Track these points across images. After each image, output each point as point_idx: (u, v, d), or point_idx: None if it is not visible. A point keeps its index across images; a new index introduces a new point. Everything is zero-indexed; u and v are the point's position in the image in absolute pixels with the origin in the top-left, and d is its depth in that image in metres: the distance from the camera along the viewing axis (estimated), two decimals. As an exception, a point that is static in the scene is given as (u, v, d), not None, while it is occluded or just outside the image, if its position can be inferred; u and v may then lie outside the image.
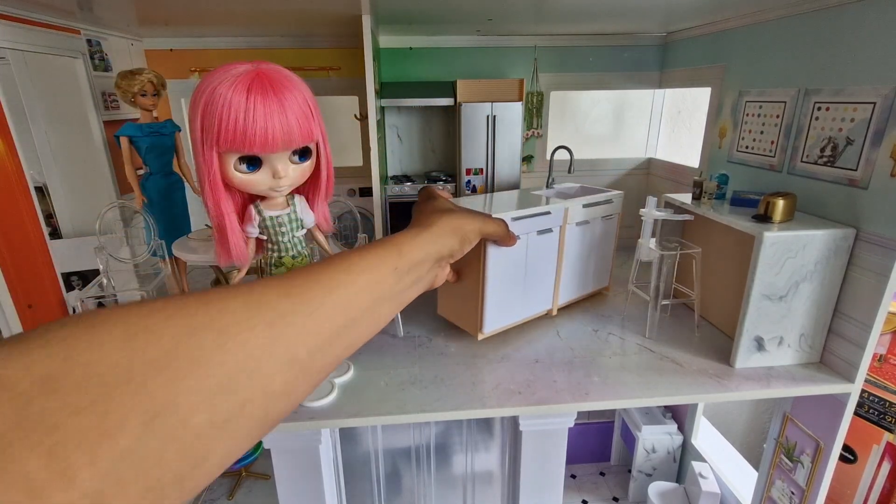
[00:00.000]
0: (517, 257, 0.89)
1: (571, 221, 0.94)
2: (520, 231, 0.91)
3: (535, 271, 0.98)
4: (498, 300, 0.89)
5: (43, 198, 1.75)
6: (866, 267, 0.97)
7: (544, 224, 0.95)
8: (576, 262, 1.06)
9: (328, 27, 1.71)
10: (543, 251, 0.95)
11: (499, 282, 0.87)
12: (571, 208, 0.93)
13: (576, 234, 1.01)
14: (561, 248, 0.96)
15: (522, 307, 0.97)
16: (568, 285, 1.02)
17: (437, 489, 1.35)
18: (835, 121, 1.10)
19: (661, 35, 2.28)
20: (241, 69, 0.59)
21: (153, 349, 0.19)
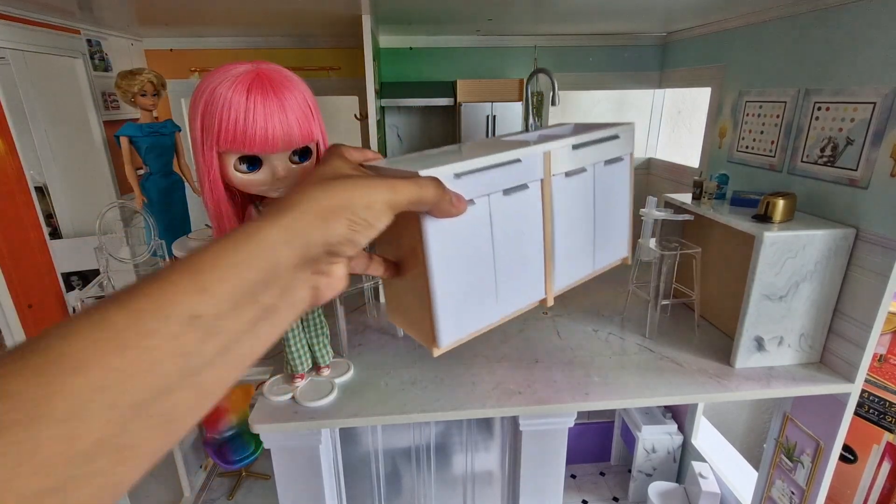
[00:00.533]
0: (476, 231, 0.54)
1: (557, 171, 0.61)
2: (474, 192, 0.54)
3: (511, 248, 0.59)
4: (456, 298, 0.55)
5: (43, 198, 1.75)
6: (866, 267, 0.97)
7: (515, 178, 0.58)
8: (573, 229, 0.66)
9: (328, 27, 1.71)
10: (519, 217, 0.58)
11: (453, 271, 0.54)
12: (555, 152, 0.60)
13: (567, 188, 0.64)
14: (547, 211, 0.61)
15: (498, 301, 0.60)
16: (565, 262, 0.65)
17: (437, 489, 1.35)
18: (835, 121, 1.10)
19: (661, 35, 2.28)
20: (241, 69, 0.59)
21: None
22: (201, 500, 1.98)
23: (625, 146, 0.60)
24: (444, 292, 0.45)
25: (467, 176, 0.46)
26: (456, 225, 0.44)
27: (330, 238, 0.28)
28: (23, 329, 0.82)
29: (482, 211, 0.48)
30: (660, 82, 2.37)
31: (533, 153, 0.51)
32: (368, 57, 1.43)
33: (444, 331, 0.45)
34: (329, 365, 1.01)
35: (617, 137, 0.60)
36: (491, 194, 0.47)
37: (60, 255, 0.99)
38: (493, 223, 0.49)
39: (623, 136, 0.62)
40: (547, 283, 0.54)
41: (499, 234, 0.48)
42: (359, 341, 1.19)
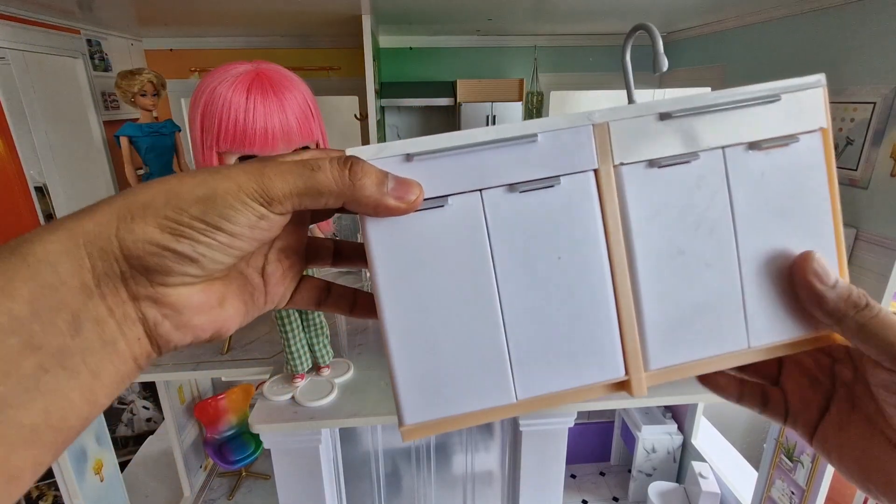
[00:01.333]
0: (461, 250, 0.27)
1: (630, 158, 0.27)
2: (446, 184, 0.26)
3: (539, 284, 0.28)
4: (426, 353, 0.28)
5: (43, 198, 1.75)
6: (866, 267, 0.97)
7: (531, 166, 0.27)
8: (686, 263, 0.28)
9: (328, 27, 1.71)
10: (548, 233, 0.27)
11: (417, 310, 0.28)
12: (618, 125, 0.27)
13: (657, 187, 0.28)
14: (612, 226, 0.27)
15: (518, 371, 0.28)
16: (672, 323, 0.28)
17: (437, 489, 1.35)
18: (835, 121, 1.10)
19: (662, 35, 2.28)
20: (240, 69, 0.59)
21: None
22: (201, 499, 1.98)
23: (801, 117, 0.28)
24: (400, 340, 0.26)
25: (430, 159, 0.25)
26: (420, 239, 0.26)
27: (131, 245, 0.19)
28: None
29: (467, 217, 0.26)
30: (660, 82, 2.37)
31: (568, 123, 0.27)
32: (368, 57, 1.43)
33: (407, 403, 0.27)
34: (329, 365, 1.01)
35: (776, 100, 0.28)
36: (483, 191, 0.26)
37: (60, 255, 0.99)
38: (491, 239, 0.26)
39: (793, 100, 0.28)
40: (627, 353, 0.28)
41: (506, 257, 0.27)
42: (359, 341, 1.19)
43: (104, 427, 1.10)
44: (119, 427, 2.20)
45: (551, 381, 0.28)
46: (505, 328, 0.28)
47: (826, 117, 0.29)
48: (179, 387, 1.81)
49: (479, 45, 2.39)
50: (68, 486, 0.96)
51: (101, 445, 1.07)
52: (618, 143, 0.27)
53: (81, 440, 1.01)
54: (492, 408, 0.28)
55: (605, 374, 0.28)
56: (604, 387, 0.29)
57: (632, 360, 0.28)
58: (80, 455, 0.99)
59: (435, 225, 0.26)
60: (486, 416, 0.28)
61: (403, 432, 0.28)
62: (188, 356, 0.92)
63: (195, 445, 2.02)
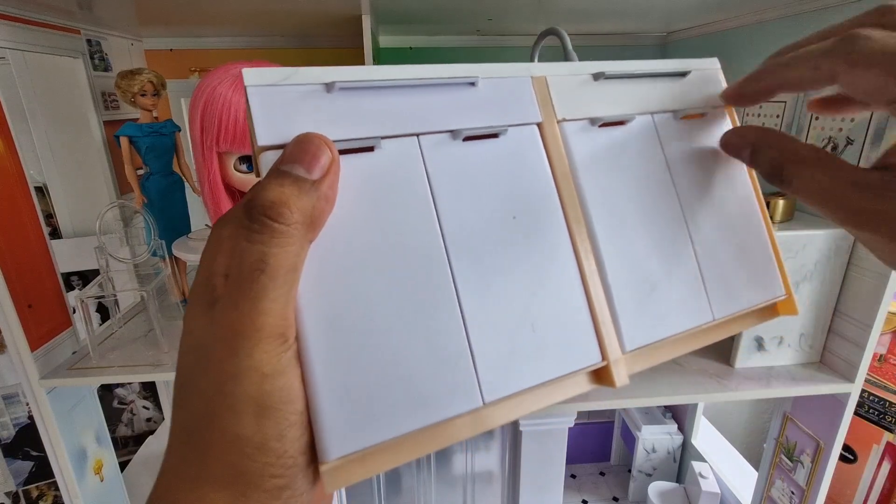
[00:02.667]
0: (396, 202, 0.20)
1: (572, 114, 0.26)
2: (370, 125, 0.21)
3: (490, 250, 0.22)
4: (360, 359, 0.19)
5: (43, 198, 1.75)
6: (866, 267, 0.97)
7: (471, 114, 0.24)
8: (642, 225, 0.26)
9: (328, 27, 1.71)
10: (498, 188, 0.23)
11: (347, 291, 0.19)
12: (556, 80, 0.26)
13: (602, 146, 0.26)
14: (565, 184, 0.24)
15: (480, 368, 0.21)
16: (639, 293, 0.25)
17: (437, 489, 1.35)
18: (835, 121, 1.10)
19: (662, 35, 2.28)
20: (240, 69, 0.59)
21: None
22: (201, 500, 1.98)
23: (706, 95, 0.31)
24: (322, 333, 0.19)
25: (356, 93, 0.21)
26: (346, 191, 0.20)
27: None
28: (23, 329, 0.82)
29: (404, 163, 0.21)
30: (660, 82, 2.37)
31: (509, 72, 0.26)
32: (368, 57, 1.43)
33: (333, 424, 0.19)
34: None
35: (686, 74, 0.30)
36: (421, 136, 0.22)
37: (60, 255, 0.98)
38: (434, 193, 0.21)
39: (698, 79, 0.31)
40: (601, 333, 0.24)
41: (453, 214, 0.21)
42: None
43: (104, 427, 1.10)
44: (119, 427, 2.20)
45: (520, 377, 0.22)
46: (461, 306, 0.21)
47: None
48: (179, 387, 1.81)
49: (479, 45, 2.39)
50: (68, 486, 0.96)
51: (101, 445, 1.07)
52: (558, 98, 0.26)
53: (81, 440, 1.01)
54: (451, 419, 0.20)
55: (579, 361, 0.23)
56: (582, 378, 0.24)
57: (607, 340, 0.24)
58: (80, 455, 0.99)
59: (364, 172, 0.20)
60: (443, 434, 0.20)
61: (325, 474, 0.19)
62: (188, 356, 0.92)
63: (195, 445, 2.02)
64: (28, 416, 1.53)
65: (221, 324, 0.17)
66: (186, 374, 0.18)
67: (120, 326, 1.07)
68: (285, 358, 0.18)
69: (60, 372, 0.89)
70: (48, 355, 0.89)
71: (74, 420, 0.98)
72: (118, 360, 0.92)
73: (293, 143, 0.19)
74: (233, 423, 0.17)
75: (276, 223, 0.17)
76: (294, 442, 0.18)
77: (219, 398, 0.17)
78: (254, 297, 0.17)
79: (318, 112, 0.20)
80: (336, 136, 0.20)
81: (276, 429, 0.17)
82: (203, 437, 0.17)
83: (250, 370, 0.17)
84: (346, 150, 0.20)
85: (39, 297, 0.88)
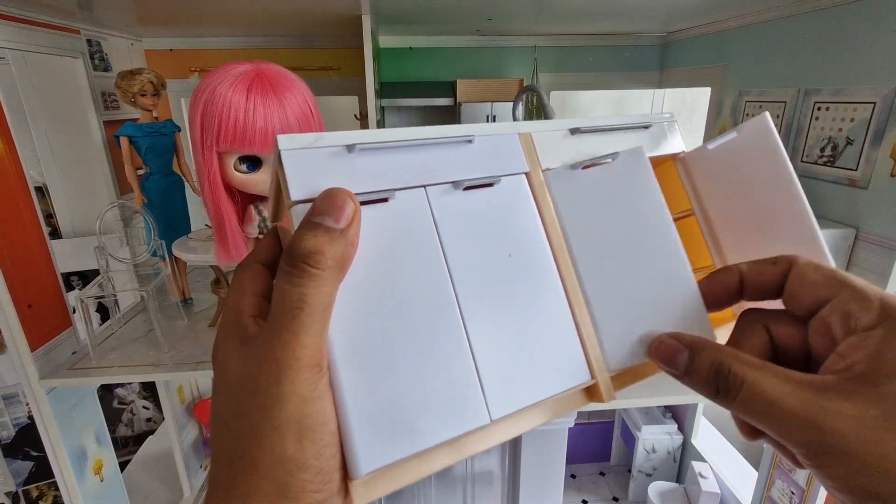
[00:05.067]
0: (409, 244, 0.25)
1: (554, 163, 0.31)
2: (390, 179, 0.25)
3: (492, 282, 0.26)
4: (385, 381, 0.22)
5: (43, 198, 1.75)
6: (866, 267, 0.97)
7: (469, 166, 0.28)
8: (621, 254, 0.30)
9: (328, 27, 1.71)
10: (496, 229, 0.27)
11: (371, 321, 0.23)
12: (540, 136, 0.31)
13: (582, 189, 0.31)
14: (549, 221, 0.29)
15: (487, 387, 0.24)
16: (618, 314, 0.28)
17: (437, 489, 1.35)
18: (835, 121, 1.10)
19: (662, 35, 2.28)
20: (240, 69, 0.59)
21: None
22: (201, 500, 1.98)
23: (665, 141, 0.36)
24: (351, 358, 0.22)
25: (372, 152, 0.24)
26: (366, 236, 0.23)
27: None
28: (23, 329, 0.82)
29: (414, 210, 0.25)
30: (660, 82, 2.37)
31: (498, 130, 0.29)
32: (368, 57, 1.43)
33: (364, 442, 0.21)
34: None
35: (648, 127, 0.35)
36: (428, 187, 0.26)
37: (60, 255, 0.98)
38: (441, 234, 0.25)
39: (657, 128, 0.36)
40: (589, 353, 0.27)
41: (458, 254, 0.25)
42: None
43: (104, 427, 1.10)
44: (119, 427, 2.20)
45: (522, 395, 0.25)
46: (468, 338, 0.24)
47: (680, 145, 0.37)
48: (179, 387, 1.81)
49: (479, 45, 2.39)
50: (68, 486, 0.96)
51: (101, 445, 1.07)
52: (542, 150, 0.30)
53: (81, 440, 1.01)
54: (464, 435, 0.23)
55: (573, 379, 0.26)
56: (576, 395, 0.27)
57: (594, 360, 0.27)
58: (80, 455, 0.99)
59: (379, 221, 0.23)
60: (457, 450, 0.23)
61: (355, 489, 0.21)
62: (188, 356, 0.92)
63: (195, 445, 2.02)
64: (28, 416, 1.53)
65: (264, 356, 0.20)
66: (229, 404, 0.21)
67: (120, 326, 1.07)
68: (321, 385, 0.20)
69: (60, 372, 0.89)
70: (48, 355, 0.89)
71: (74, 420, 0.98)
72: (118, 360, 0.92)
73: (321, 197, 0.21)
74: (278, 443, 0.19)
75: (314, 269, 0.20)
76: (329, 460, 0.20)
77: (265, 421, 0.19)
78: (295, 332, 0.20)
79: (342, 169, 0.23)
80: (357, 189, 0.23)
81: (314, 448, 0.19)
82: (252, 457, 0.19)
83: (293, 395, 0.19)
84: (365, 202, 0.23)
85: (39, 297, 0.88)
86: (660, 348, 0.25)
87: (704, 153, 0.35)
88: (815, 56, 1.19)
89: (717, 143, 0.34)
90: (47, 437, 0.93)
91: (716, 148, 0.34)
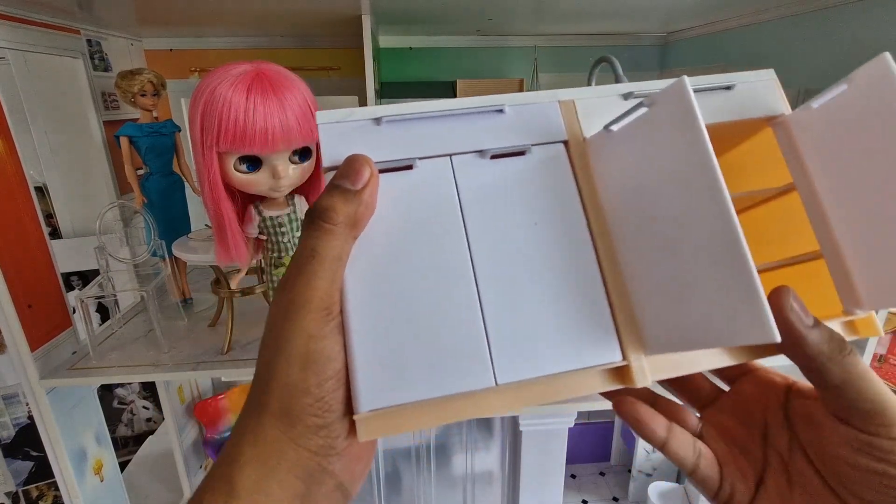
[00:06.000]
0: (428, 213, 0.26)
1: (592, 126, 0.28)
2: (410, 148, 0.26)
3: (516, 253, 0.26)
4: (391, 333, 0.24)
5: (43, 198, 1.75)
6: (866, 267, 0.97)
7: (498, 134, 0.27)
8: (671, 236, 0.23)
9: (328, 27, 1.71)
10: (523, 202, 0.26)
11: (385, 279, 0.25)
12: (584, 102, 0.28)
13: (614, 157, 0.26)
14: (591, 195, 0.27)
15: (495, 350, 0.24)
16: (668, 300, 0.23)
17: (437, 489, 1.35)
18: (835, 121, 1.10)
19: (662, 35, 2.28)
20: (241, 69, 0.59)
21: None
22: (201, 500, 1.98)
23: (756, 102, 0.30)
24: (362, 309, 0.24)
25: (399, 123, 0.26)
26: (388, 202, 0.25)
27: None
28: (23, 329, 0.82)
29: (436, 179, 0.26)
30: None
31: (534, 99, 0.28)
32: (368, 57, 1.43)
33: (365, 383, 0.23)
34: (329, 365, 1.01)
35: (731, 88, 0.30)
36: (453, 156, 0.26)
37: (60, 255, 0.98)
38: (462, 204, 0.25)
39: (746, 88, 0.30)
40: (622, 333, 0.25)
41: (478, 224, 0.25)
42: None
43: (104, 427, 1.10)
44: (119, 427, 2.20)
45: (535, 364, 0.24)
46: (480, 300, 0.25)
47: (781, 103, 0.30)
48: (179, 387, 1.81)
49: (479, 45, 2.39)
50: (68, 486, 0.96)
51: (101, 445, 1.07)
52: (587, 118, 0.28)
53: (81, 440, 1.01)
54: (466, 392, 0.24)
55: (597, 357, 0.24)
56: (599, 374, 0.25)
57: (628, 341, 0.25)
58: (79, 455, 0.99)
59: (403, 188, 0.25)
60: (460, 406, 0.24)
61: (359, 422, 0.23)
62: (188, 356, 0.92)
63: (195, 445, 2.02)
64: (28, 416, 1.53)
65: (281, 299, 0.24)
66: (262, 340, 0.25)
67: (120, 326, 1.07)
68: (328, 327, 0.23)
69: (60, 372, 0.89)
70: (48, 355, 0.89)
71: (74, 420, 0.98)
72: (118, 360, 0.92)
73: (343, 163, 0.24)
74: (285, 371, 0.23)
75: (326, 224, 0.23)
76: (331, 392, 0.23)
77: (278, 353, 0.23)
78: (306, 278, 0.23)
79: (369, 140, 0.25)
80: (381, 157, 0.25)
81: (315, 378, 0.23)
82: (266, 381, 0.23)
83: (301, 331, 0.23)
84: (390, 169, 0.25)
85: (39, 297, 0.88)
86: (795, 299, 0.24)
87: (810, 114, 0.28)
88: (815, 56, 1.19)
89: (824, 98, 0.27)
90: (47, 437, 0.93)
91: (823, 106, 0.28)
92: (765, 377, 0.30)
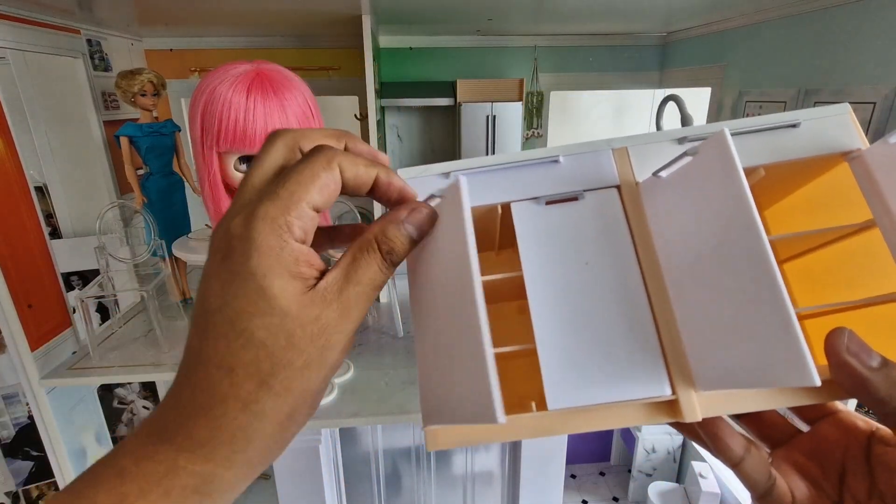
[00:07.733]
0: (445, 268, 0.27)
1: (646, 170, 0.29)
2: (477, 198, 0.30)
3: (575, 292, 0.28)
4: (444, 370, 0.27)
5: (43, 198, 1.75)
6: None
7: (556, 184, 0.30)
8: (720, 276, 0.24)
9: (328, 27, 1.71)
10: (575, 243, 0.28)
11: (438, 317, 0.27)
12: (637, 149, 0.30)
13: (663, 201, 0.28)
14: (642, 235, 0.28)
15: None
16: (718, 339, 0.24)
17: (437, 489, 1.35)
18: (835, 121, 1.10)
19: (662, 35, 2.28)
20: (241, 69, 0.59)
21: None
22: (201, 500, 1.98)
23: (828, 139, 0.30)
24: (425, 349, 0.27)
25: (464, 175, 0.28)
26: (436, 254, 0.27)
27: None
28: (23, 329, 0.82)
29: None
30: (660, 82, 2.37)
31: (587, 149, 0.30)
32: (368, 57, 1.43)
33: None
34: (329, 365, 1.01)
35: (797, 125, 0.29)
36: (512, 203, 0.29)
37: (60, 255, 0.98)
38: (519, 243, 0.28)
39: (816, 124, 0.30)
40: (672, 368, 0.25)
41: (532, 264, 0.28)
42: (359, 341, 1.19)
43: (104, 427, 1.10)
44: (119, 427, 2.20)
45: (585, 393, 0.25)
46: (534, 335, 0.27)
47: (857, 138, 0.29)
48: (179, 387, 1.81)
49: (479, 45, 2.39)
50: (68, 485, 0.96)
51: (101, 445, 1.08)
52: (640, 163, 0.30)
53: (81, 440, 1.01)
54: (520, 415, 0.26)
55: (646, 390, 0.25)
56: (648, 407, 0.26)
57: (678, 376, 0.25)
58: (79, 455, 0.99)
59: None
60: (510, 428, 0.27)
61: (427, 434, 0.27)
62: (188, 356, 0.92)
63: (195, 445, 2.02)
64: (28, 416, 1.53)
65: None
66: None
67: (120, 326, 1.07)
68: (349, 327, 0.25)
69: (60, 372, 0.89)
70: (48, 355, 0.89)
71: (74, 420, 0.98)
72: (118, 360, 0.92)
73: (420, 211, 0.26)
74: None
75: (388, 262, 0.25)
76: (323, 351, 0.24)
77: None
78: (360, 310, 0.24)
79: (436, 187, 0.28)
80: None
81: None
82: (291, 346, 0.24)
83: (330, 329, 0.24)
84: None
85: (39, 297, 0.88)
86: (851, 340, 0.22)
87: (888, 149, 0.27)
88: (815, 56, 1.19)
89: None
90: (47, 437, 0.93)
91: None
92: (846, 420, 0.27)
